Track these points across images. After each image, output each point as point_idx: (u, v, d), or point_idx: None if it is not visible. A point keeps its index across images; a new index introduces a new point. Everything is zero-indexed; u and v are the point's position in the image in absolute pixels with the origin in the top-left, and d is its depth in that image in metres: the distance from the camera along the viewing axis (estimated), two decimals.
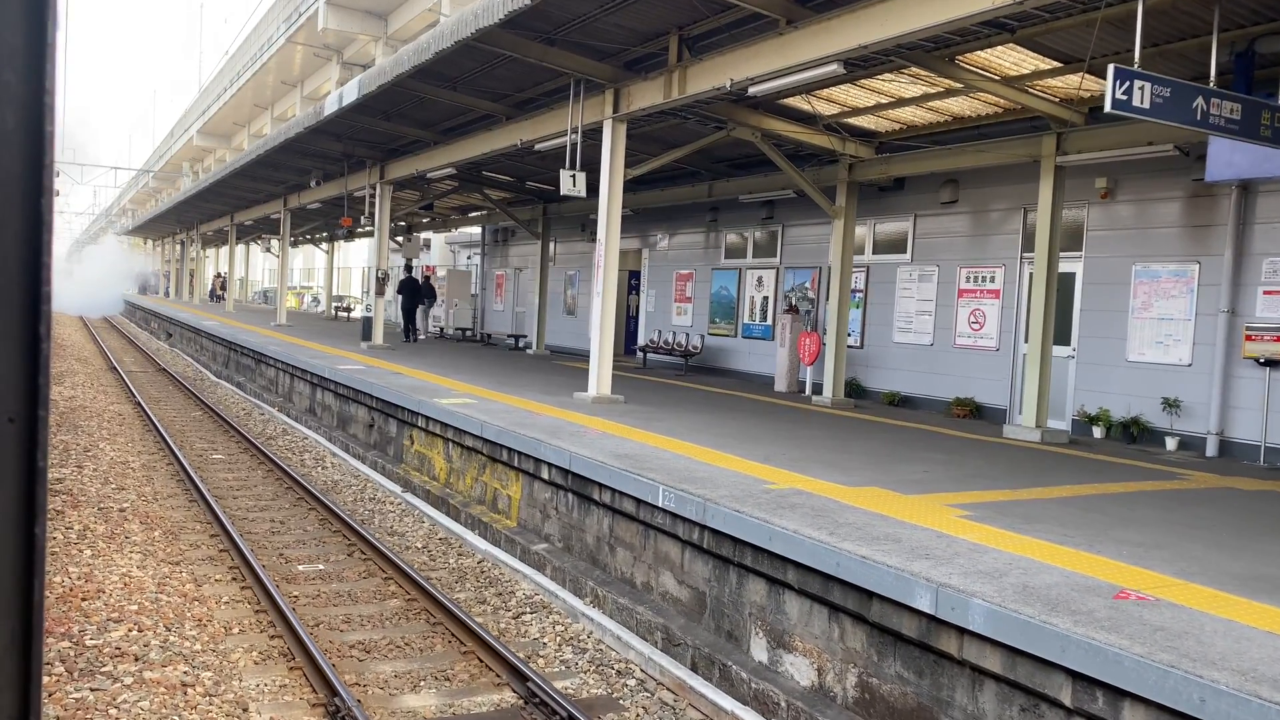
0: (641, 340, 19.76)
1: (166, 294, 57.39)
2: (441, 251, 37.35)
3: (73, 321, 41.29)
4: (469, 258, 31.91)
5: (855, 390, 13.68)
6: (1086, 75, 9.17)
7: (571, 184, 11.09)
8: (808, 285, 15.20)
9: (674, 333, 18.30)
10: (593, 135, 11.86)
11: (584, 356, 20.99)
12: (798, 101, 11.94)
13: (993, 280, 12.23)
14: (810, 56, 8.28)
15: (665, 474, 6.86)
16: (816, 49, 8.24)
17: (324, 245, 37.79)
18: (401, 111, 15.65)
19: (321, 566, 8.41)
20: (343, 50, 38.94)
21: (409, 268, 24.64)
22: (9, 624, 0.86)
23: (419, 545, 9.12)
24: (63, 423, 14.31)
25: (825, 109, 11.88)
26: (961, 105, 11.28)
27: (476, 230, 32.38)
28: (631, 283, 23.03)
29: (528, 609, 7.34)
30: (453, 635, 6.60)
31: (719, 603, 6.04)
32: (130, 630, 6.27)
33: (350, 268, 55.54)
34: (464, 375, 14.48)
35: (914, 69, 9.87)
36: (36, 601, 0.87)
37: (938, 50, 9.17)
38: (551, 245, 21.88)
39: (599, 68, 11.01)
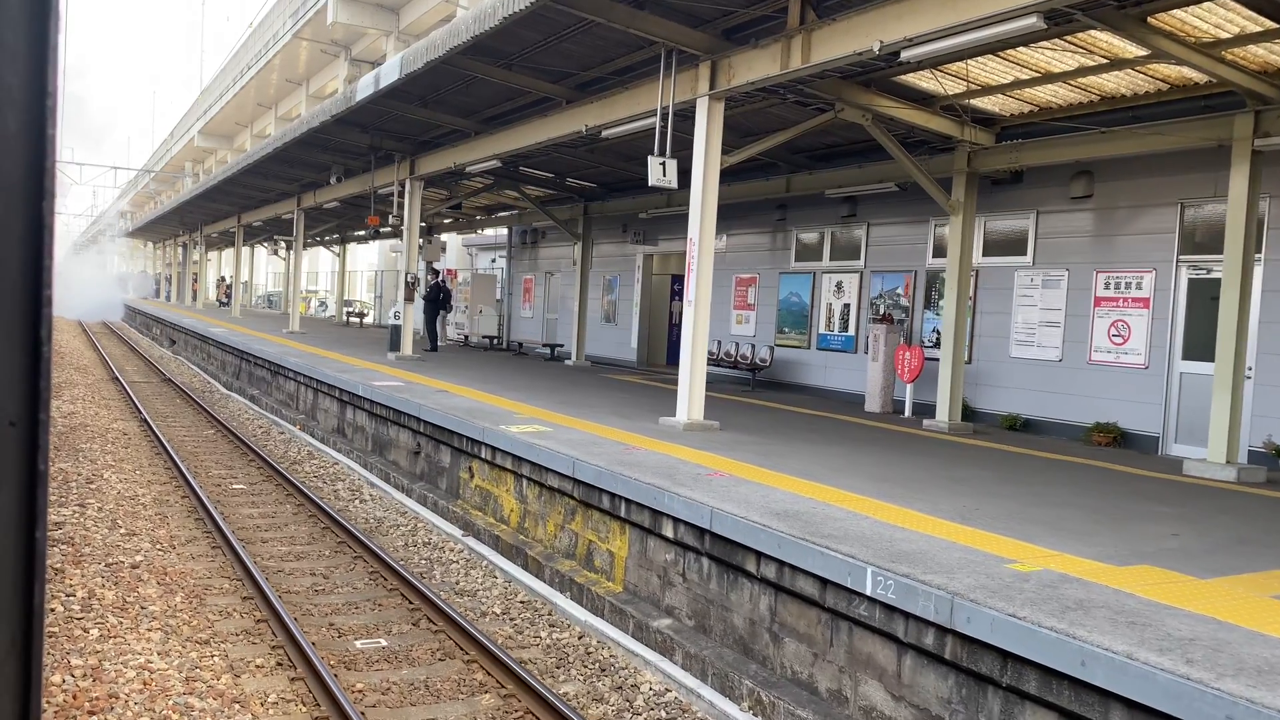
0: None
1: (167, 298, 55.66)
2: (458, 254, 35.65)
3: (71, 327, 39.59)
4: (494, 260, 30.20)
5: (965, 412, 11.99)
6: None
7: (661, 173, 9.41)
8: (900, 291, 13.51)
9: (735, 344, 16.60)
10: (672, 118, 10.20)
11: (629, 368, 19.34)
12: (917, 79, 10.28)
13: (1139, 287, 10.56)
14: (994, 10, 6.61)
15: (860, 545, 5.18)
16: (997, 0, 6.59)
17: (335, 248, 36.10)
18: (441, 97, 13.98)
19: (384, 642, 6.73)
20: (351, 46, 37.40)
21: (434, 271, 22.95)
22: (9, 629, 0.85)
23: (498, 610, 7.43)
24: (62, 445, 12.61)
25: (951, 87, 10.21)
26: (1118, 81, 9.62)
27: (496, 232, 30.72)
28: (674, 288, 21.37)
29: (661, 711, 5.66)
30: None
31: None
32: None
33: (357, 271, 53.81)
34: (516, 393, 12.79)
35: (1087, 33, 8.21)
36: (37, 606, 0.87)
37: (1130, 7, 7.50)
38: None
39: (694, 36, 9.34)
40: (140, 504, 9.94)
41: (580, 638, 6.85)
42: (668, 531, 6.49)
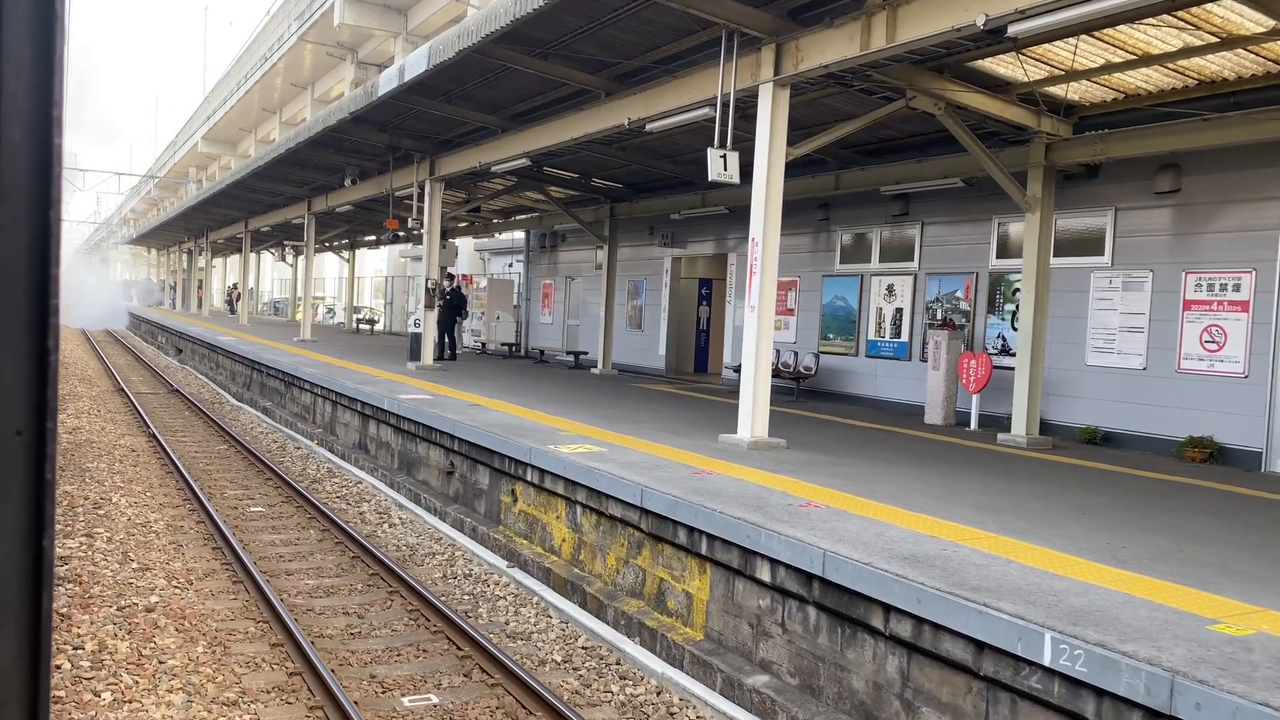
0: (730, 358, 17.19)
1: (172, 305, 54.90)
2: (470, 258, 34.83)
3: (74, 335, 38.82)
4: (510, 265, 29.38)
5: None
6: None
7: (722, 166, 8.56)
8: (959, 295, 12.65)
9: (776, 351, 15.74)
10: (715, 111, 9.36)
11: (658, 377, 18.48)
12: (995, 64, 9.44)
13: (1237, 289, 9.70)
14: None
15: (1022, 601, 4.33)
16: None
17: (344, 253, 35.30)
18: (467, 92, 13.16)
19: (434, 699, 5.89)
20: (358, 49, 36.74)
21: (449, 276, 22.12)
22: (17, 637, 0.86)
23: (558, 657, 6.58)
24: (67, 465, 11.79)
25: (1032, 72, 9.37)
26: (1222, 63, 8.77)
27: (510, 236, 29.90)
28: (702, 292, 20.53)
29: None
30: None
31: None
32: None
33: (363, 277, 52.99)
34: (552, 406, 11.94)
35: (1203, 7, 7.36)
36: (45, 614, 0.87)
37: None
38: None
39: (758, 16, 8.50)
40: (152, 531, 9.11)
41: (658, 693, 6.00)
42: (763, 574, 5.64)
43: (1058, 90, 9.89)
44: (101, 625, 6.40)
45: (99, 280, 64.34)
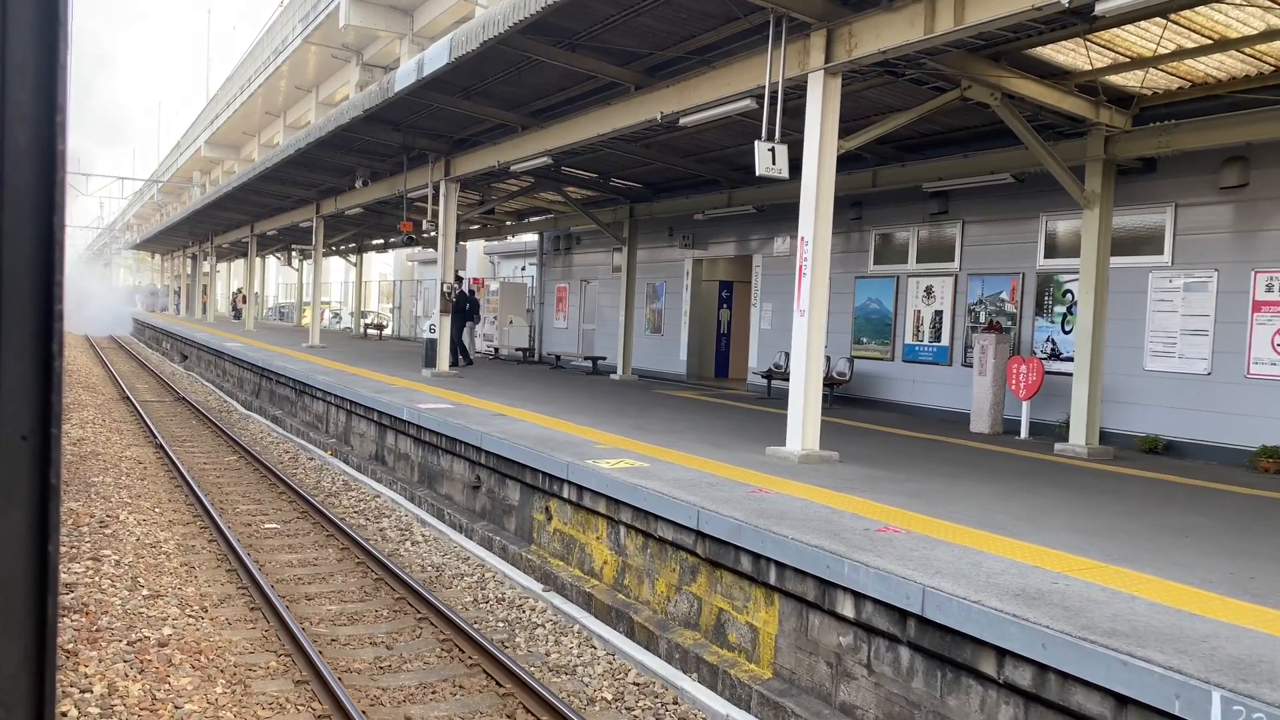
0: (756, 363, 16.62)
1: (176, 311, 54.42)
2: (479, 262, 34.29)
3: (78, 342, 38.34)
4: (523, 268, 28.82)
5: None
6: None
7: (770, 160, 8.00)
8: (1004, 296, 12.07)
9: None
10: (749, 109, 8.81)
11: (680, 382, 17.92)
12: (1054, 51, 8.88)
13: None
14: None
15: (1170, 649, 3.76)
16: None
17: (351, 258, 34.78)
18: (486, 88, 12.62)
19: None
20: (363, 50, 36.32)
21: (460, 280, 21.56)
22: (23, 644, 0.86)
23: (608, 695, 6.02)
24: (72, 479, 11.25)
25: (1098, 59, 8.80)
26: None
27: (521, 238, 29.36)
28: (722, 295, 19.98)
29: None
30: None
31: None
32: None
33: (368, 281, 52.45)
34: (579, 416, 11.39)
35: None
36: (50, 620, 0.87)
37: None
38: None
39: (808, 0, 7.94)
40: (163, 552, 8.57)
41: None
42: (845, 609, 5.07)
43: (1119, 79, 9.32)
44: (111, 663, 5.84)
45: (104, 286, 63.94)
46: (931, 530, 5.73)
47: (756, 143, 8.04)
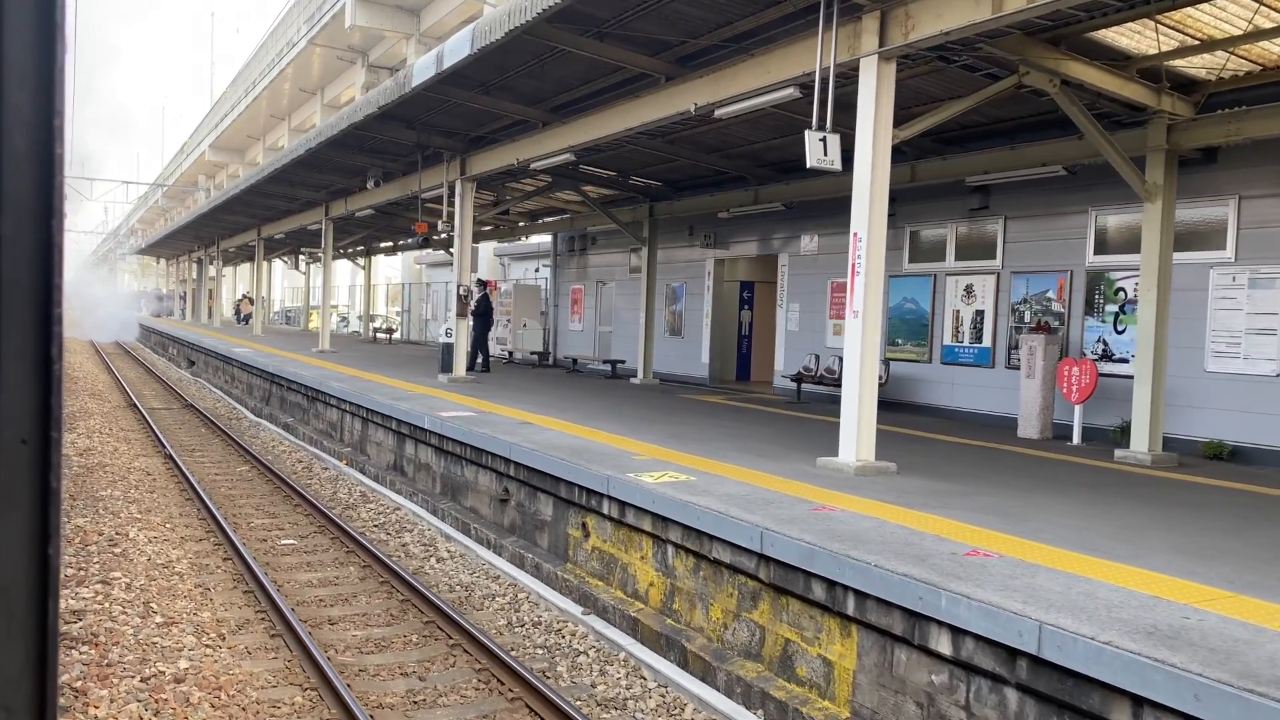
0: (783, 365, 16.09)
1: (181, 315, 54.00)
2: (489, 263, 33.80)
3: (84, 348, 37.92)
4: (536, 270, 28.30)
5: None
6: None
7: (822, 151, 7.48)
8: (1051, 295, 11.53)
9: (837, 358, 14.64)
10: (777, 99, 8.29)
11: (702, 386, 17.39)
12: (1117, 34, 8.35)
13: None
14: None
15: None
16: None
17: (360, 260, 34.30)
18: (507, 82, 12.12)
19: None
20: (369, 52, 35.85)
21: (481, 284, 21.06)
22: (24, 647, 0.85)
23: None
24: (79, 493, 10.75)
25: (1165, 41, 8.27)
26: None
27: (533, 240, 28.85)
28: (744, 295, 19.45)
29: None
30: None
31: None
32: None
33: (375, 284, 51.96)
34: (609, 423, 10.87)
35: None
36: (51, 624, 0.86)
37: None
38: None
39: None
40: (175, 573, 8.07)
41: None
42: (940, 645, 4.55)
43: (1184, 64, 8.79)
44: (123, 704, 5.33)
45: (109, 291, 63.55)
46: (1024, 553, 5.20)
47: (807, 133, 7.52)
